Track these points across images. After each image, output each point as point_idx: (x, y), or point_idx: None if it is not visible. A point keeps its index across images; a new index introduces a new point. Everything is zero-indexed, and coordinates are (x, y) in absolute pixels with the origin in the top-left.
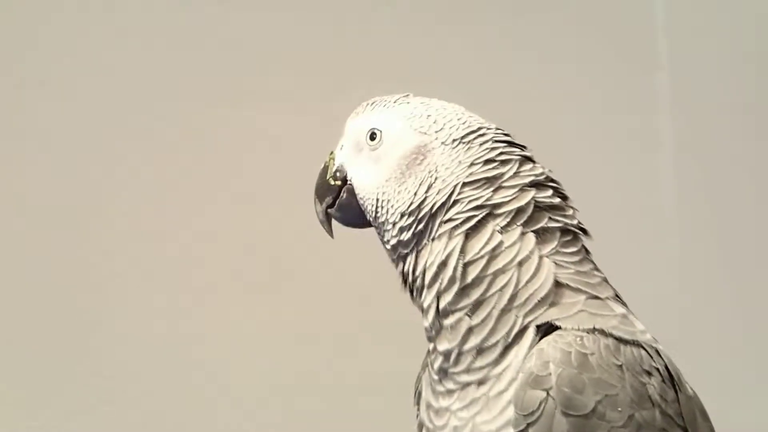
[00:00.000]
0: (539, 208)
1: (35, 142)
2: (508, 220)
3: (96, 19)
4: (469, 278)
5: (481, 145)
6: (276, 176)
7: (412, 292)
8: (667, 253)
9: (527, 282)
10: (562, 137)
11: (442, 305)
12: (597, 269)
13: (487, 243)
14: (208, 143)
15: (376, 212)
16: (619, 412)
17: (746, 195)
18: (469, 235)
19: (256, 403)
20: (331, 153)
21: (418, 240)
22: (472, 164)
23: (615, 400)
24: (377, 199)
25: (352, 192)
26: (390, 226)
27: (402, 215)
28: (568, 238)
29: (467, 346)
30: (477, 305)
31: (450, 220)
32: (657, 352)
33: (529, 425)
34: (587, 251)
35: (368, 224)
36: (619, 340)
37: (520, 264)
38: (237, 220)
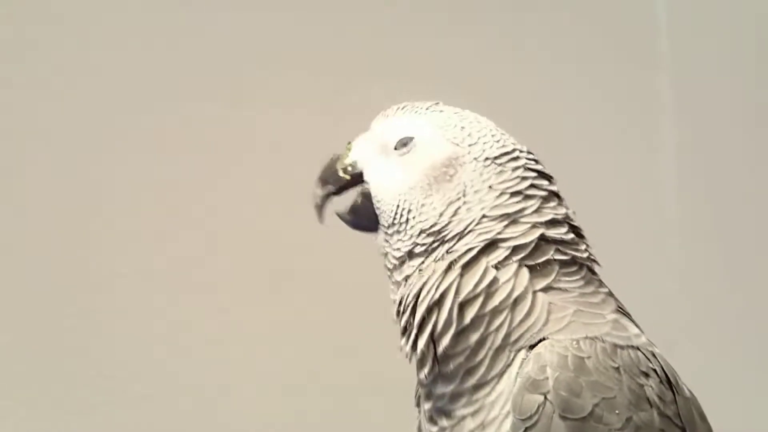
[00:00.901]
0: (547, 241)
1: (33, 141)
2: (506, 254)
3: (95, 18)
4: (467, 319)
5: (513, 170)
6: (276, 176)
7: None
8: (669, 253)
9: (521, 321)
10: (563, 138)
11: (440, 350)
12: (602, 286)
13: (481, 280)
14: (208, 143)
15: (394, 219)
16: (617, 415)
17: (748, 195)
18: (464, 271)
19: (256, 403)
20: (349, 144)
21: (425, 259)
22: (501, 194)
23: (612, 402)
24: (397, 206)
25: (368, 196)
26: (406, 237)
27: (422, 231)
28: (572, 269)
29: (465, 386)
30: (474, 348)
31: (454, 251)
32: (653, 354)
33: (527, 429)
34: (593, 272)
35: (376, 229)
36: (615, 344)
37: (515, 302)
38: (237, 219)
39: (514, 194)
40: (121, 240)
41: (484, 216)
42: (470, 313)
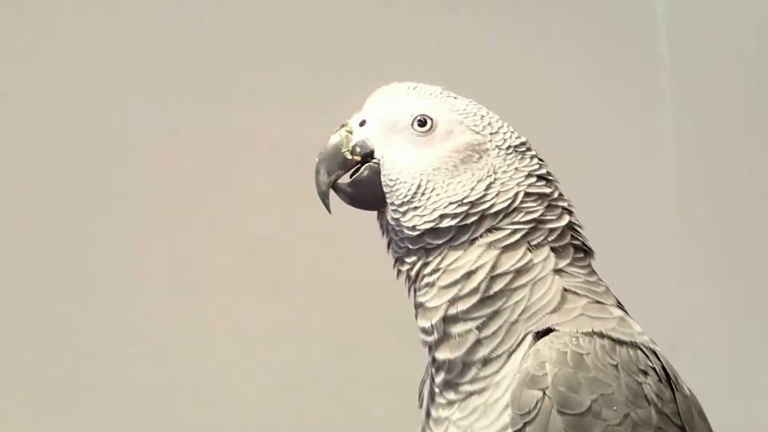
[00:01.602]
0: (566, 226)
1: (34, 144)
2: (543, 237)
3: (95, 19)
4: (492, 291)
5: (531, 158)
6: (276, 177)
7: (413, 282)
8: (669, 254)
9: (537, 299)
10: (564, 138)
11: (452, 312)
12: (601, 280)
13: (519, 260)
14: (209, 144)
15: (413, 196)
16: (615, 411)
17: (748, 196)
18: (505, 250)
19: (257, 404)
20: (345, 125)
21: (456, 234)
22: (529, 175)
23: (610, 398)
24: (419, 185)
25: (376, 171)
26: (427, 212)
27: (451, 203)
28: (581, 255)
29: (475, 357)
30: (490, 317)
31: (499, 229)
32: (654, 352)
33: (525, 424)
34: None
35: (376, 207)
36: (616, 341)
37: (537, 280)
38: (238, 221)
39: (540, 177)
40: (121, 242)
41: (526, 193)
42: (498, 287)
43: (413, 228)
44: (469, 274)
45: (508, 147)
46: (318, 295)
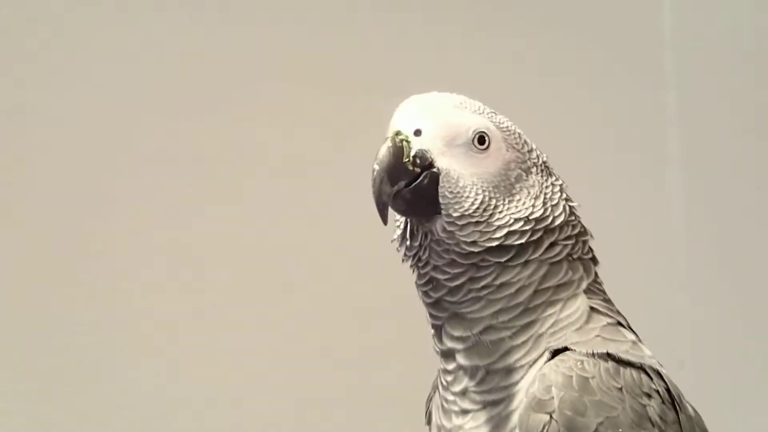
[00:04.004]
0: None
1: (40, 147)
2: (579, 251)
3: (99, 30)
4: (532, 304)
5: (553, 176)
6: (282, 187)
7: (448, 291)
8: (675, 266)
9: (567, 314)
10: (570, 153)
11: (493, 322)
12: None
13: (562, 276)
14: (211, 152)
15: (475, 211)
16: None
17: (754, 209)
18: (552, 265)
19: (261, 412)
20: (399, 134)
21: (517, 253)
22: (561, 191)
23: (616, 421)
24: (482, 201)
25: (435, 179)
26: (491, 229)
27: (517, 221)
28: (597, 267)
29: (501, 365)
30: (523, 327)
31: (556, 244)
32: (659, 374)
33: None
34: None
35: (427, 216)
36: (621, 362)
37: (571, 297)
38: (243, 229)
39: (563, 191)
40: (127, 251)
41: (571, 209)
42: (539, 300)
43: (473, 243)
44: (521, 289)
45: (542, 164)
46: (323, 303)
